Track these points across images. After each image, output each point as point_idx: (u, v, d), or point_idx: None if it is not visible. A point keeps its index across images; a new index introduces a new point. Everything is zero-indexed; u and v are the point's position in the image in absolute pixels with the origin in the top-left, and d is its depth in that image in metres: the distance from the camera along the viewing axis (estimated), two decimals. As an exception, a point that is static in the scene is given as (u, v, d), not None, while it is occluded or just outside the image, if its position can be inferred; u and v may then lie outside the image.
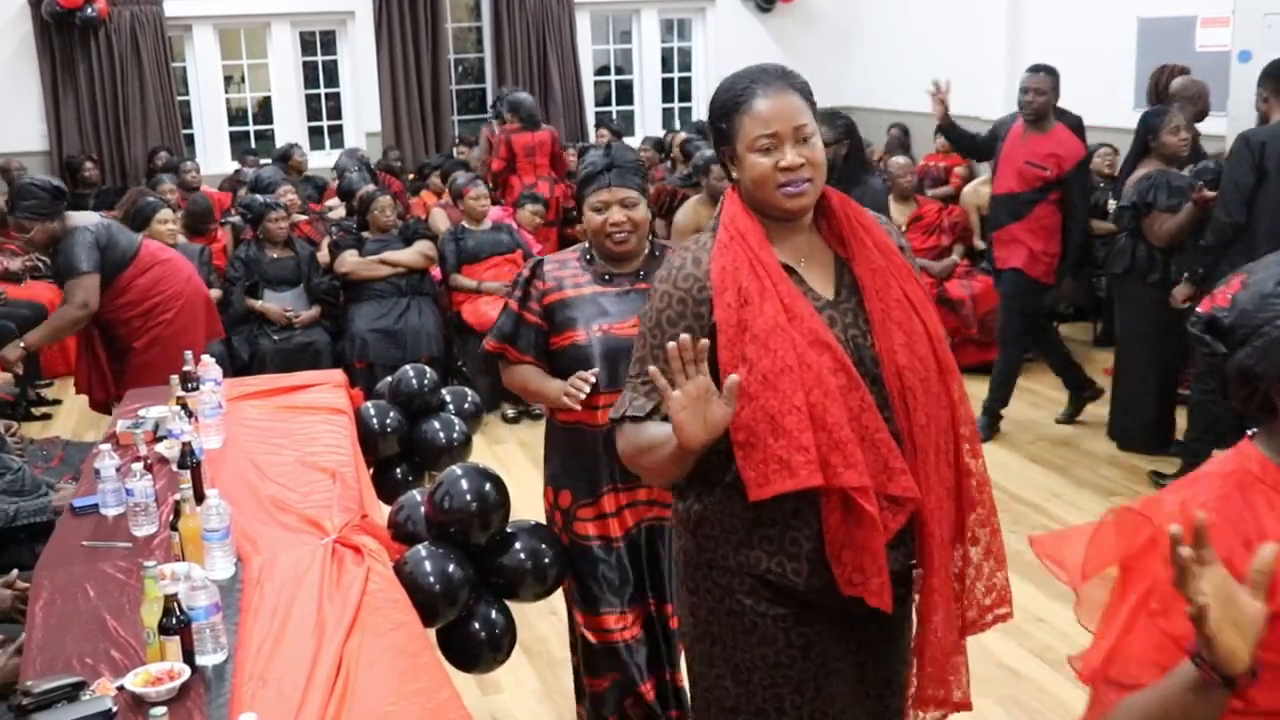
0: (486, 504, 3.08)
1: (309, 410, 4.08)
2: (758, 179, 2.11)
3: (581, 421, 3.00)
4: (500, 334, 3.11)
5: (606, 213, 2.99)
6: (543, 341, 3.06)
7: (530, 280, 3.10)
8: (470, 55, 11.61)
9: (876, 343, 2.12)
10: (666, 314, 2.14)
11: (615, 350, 2.92)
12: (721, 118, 2.17)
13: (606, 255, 3.05)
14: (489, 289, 6.86)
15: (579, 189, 3.07)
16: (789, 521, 2.10)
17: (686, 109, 12.13)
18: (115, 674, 2.31)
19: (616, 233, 2.98)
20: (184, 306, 5.29)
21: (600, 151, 3.09)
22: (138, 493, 3.06)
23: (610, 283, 3.04)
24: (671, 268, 2.17)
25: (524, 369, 3.10)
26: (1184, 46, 7.59)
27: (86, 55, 9.84)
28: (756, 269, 2.08)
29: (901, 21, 10.77)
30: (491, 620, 3.12)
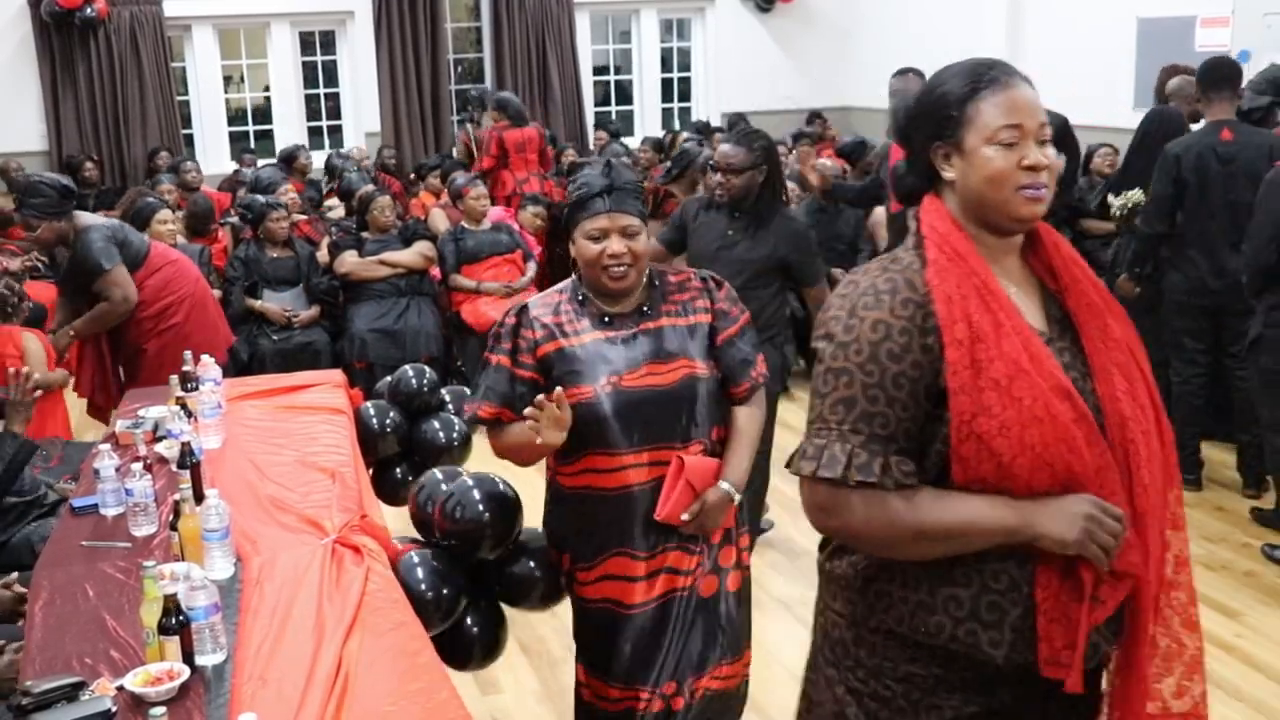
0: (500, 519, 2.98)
1: (308, 410, 4.08)
2: (994, 177, 1.81)
3: (592, 486, 2.71)
4: (493, 395, 2.72)
5: (604, 242, 2.63)
6: None
7: (518, 330, 2.71)
8: (470, 55, 11.62)
9: (1098, 388, 1.83)
10: (886, 346, 1.77)
11: (629, 404, 2.63)
12: (951, 104, 1.84)
13: (601, 291, 2.70)
14: (488, 289, 6.86)
15: (570, 213, 2.70)
16: (989, 584, 1.80)
17: (686, 109, 12.14)
18: (115, 674, 2.31)
19: (614, 266, 2.63)
20: (194, 308, 5.30)
21: (597, 170, 2.70)
22: (137, 493, 3.06)
23: (611, 325, 2.70)
24: (877, 291, 1.81)
25: (514, 428, 2.70)
26: (1184, 46, 7.59)
27: (86, 55, 9.84)
28: (986, 299, 1.79)
29: (901, 21, 10.78)
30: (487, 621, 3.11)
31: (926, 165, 1.90)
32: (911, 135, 1.94)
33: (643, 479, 2.67)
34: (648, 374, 2.65)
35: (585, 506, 2.74)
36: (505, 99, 9.09)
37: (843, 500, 1.79)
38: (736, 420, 2.78)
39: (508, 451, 2.79)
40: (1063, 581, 1.77)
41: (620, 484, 2.67)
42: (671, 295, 2.75)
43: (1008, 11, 9.36)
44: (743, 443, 2.76)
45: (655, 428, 2.65)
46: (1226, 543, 4.76)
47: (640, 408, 2.63)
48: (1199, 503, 5.04)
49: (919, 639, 1.85)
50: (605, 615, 2.76)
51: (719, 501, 2.68)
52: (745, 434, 2.77)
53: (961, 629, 1.81)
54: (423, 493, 3.14)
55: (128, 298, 5.04)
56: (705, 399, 2.69)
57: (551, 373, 2.67)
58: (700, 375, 2.69)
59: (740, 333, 2.78)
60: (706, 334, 2.74)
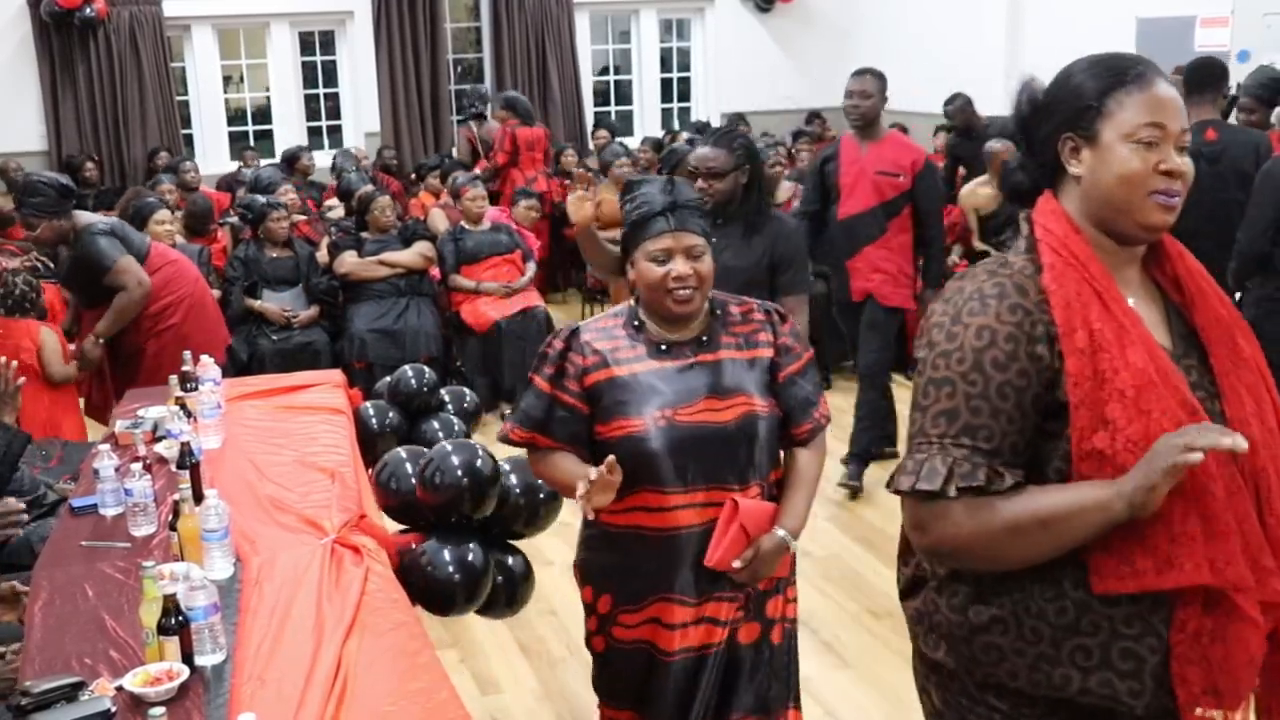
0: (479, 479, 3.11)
1: (308, 410, 4.08)
2: (1128, 176, 1.68)
3: (641, 526, 2.52)
4: (527, 420, 2.57)
5: (669, 264, 2.45)
6: (583, 429, 2.54)
7: (565, 355, 2.53)
8: (469, 55, 11.61)
9: (1226, 410, 1.71)
10: (991, 354, 1.67)
11: (683, 440, 2.45)
12: (1090, 94, 1.72)
13: (663, 317, 2.52)
14: (487, 289, 6.87)
15: (630, 233, 2.52)
16: (1120, 629, 1.66)
17: (685, 109, 12.14)
18: (114, 674, 2.31)
19: (680, 289, 2.45)
20: (192, 308, 5.28)
21: (656, 187, 2.52)
22: (137, 493, 3.06)
23: (668, 354, 2.51)
24: (983, 296, 1.70)
25: (556, 459, 2.57)
26: (1183, 46, 7.59)
27: (85, 55, 9.84)
28: (1109, 306, 1.67)
29: (900, 21, 10.78)
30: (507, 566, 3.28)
31: (1049, 159, 1.78)
32: (1035, 125, 1.80)
33: (693, 521, 2.49)
34: (704, 409, 2.47)
35: (631, 546, 2.54)
36: (514, 98, 9.23)
37: (941, 513, 1.68)
38: (796, 463, 2.61)
39: (547, 481, 2.71)
40: (1205, 618, 1.64)
41: (670, 525, 2.49)
42: (733, 326, 2.57)
43: (1007, 11, 9.36)
44: (802, 488, 2.59)
45: (710, 467, 2.47)
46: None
47: (694, 445, 2.45)
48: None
49: (1040, 693, 1.71)
50: (640, 657, 2.61)
51: (774, 549, 2.50)
52: (805, 478, 2.60)
53: (1093, 680, 1.68)
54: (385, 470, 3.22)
55: (142, 282, 5.05)
56: (765, 439, 2.52)
57: (600, 402, 2.50)
58: (760, 413, 2.51)
59: (803, 370, 2.60)
60: (767, 369, 2.56)
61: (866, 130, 5.27)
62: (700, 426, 2.45)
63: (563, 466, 2.55)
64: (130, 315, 5.11)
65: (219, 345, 5.26)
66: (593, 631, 2.72)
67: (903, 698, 3.72)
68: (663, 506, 2.48)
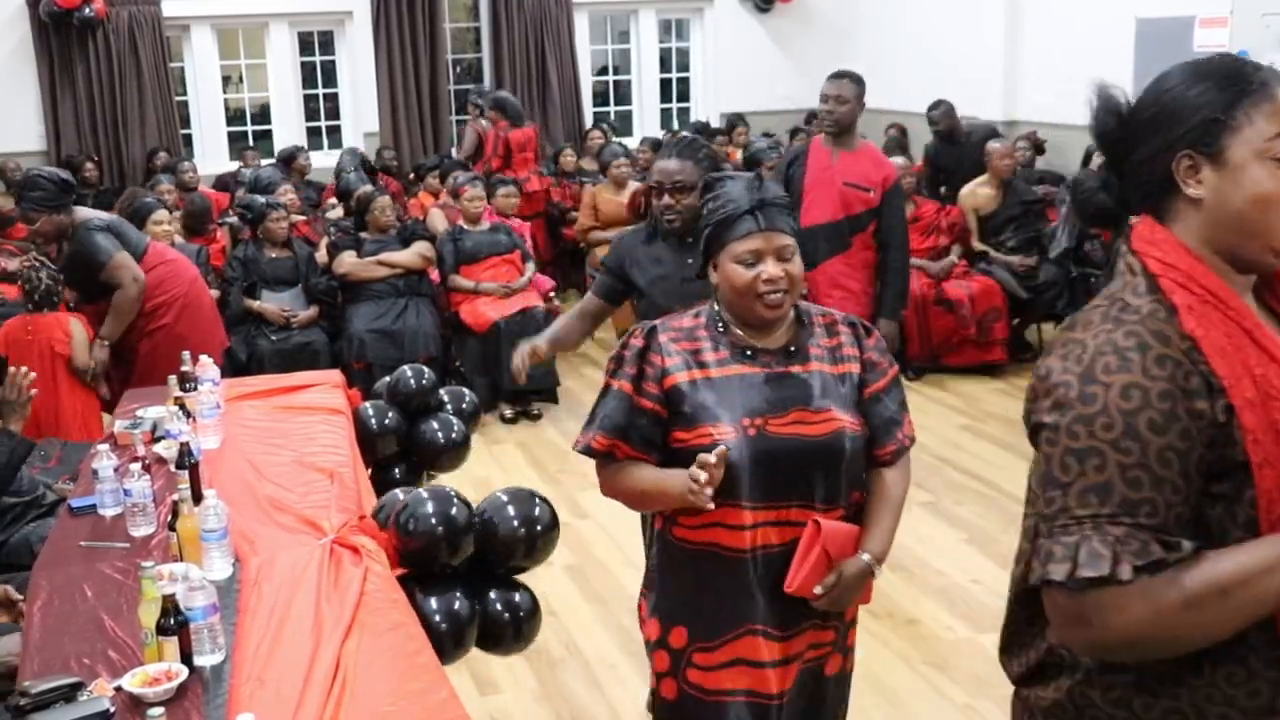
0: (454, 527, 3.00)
1: (307, 410, 4.08)
2: (1266, 198, 1.51)
3: (719, 544, 2.34)
4: (609, 425, 2.37)
5: (759, 266, 2.31)
6: (659, 435, 2.37)
7: (644, 354, 2.37)
8: (468, 55, 11.61)
9: None
10: (1146, 416, 1.45)
11: (771, 453, 2.28)
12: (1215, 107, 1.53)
13: (751, 321, 2.36)
14: (486, 289, 6.87)
15: (714, 235, 2.36)
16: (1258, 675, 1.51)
17: (685, 109, 12.13)
18: (113, 674, 2.31)
19: (771, 292, 2.30)
20: (185, 309, 5.28)
21: (741, 184, 2.38)
22: (136, 493, 3.06)
23: (754, 360, 2.35)
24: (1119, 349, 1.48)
25: (635, 468, 2.39)
26: (1182, 47, 7.59)
27: (84, 55, 9.83)
28: (1265, 346, 1.50)
29: (900, 22, 10.78)
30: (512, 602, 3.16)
31: (1152, 179, 1.58)
32: (1131, 142, 1.61)
33: (771, 541, 2.32)
34: (795, 421, 2.31)
35: (706, 568, 2.36)
36: (504, 99, 9.23)
37: (1112, 600, 1.43)
38: (881, 485, 2.43)
39: (623, 495, 2.45)
40: None
41: (749, 545, 2.31)
42: (820, 338, 2.42)
43: (1007, 11, 9.35)
44: (888, 511, 2.42)
45: (795, 484, 2.31)
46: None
47: (782, 459, 2.28)
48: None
49: None
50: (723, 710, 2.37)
51: (858, 575, 2.33)
52: (891, 501, 2.43)
53: None
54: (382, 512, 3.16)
55: (137, 278, 5.06)
56: (852, 458, 2.36)
57: (680, 407, 2.33)
58: (850, 431, 2.35)
59: (888, 388, 2.44)
60: (855, 385, 2.41)
61: (840, 138, 4.92)
62: (791, 439, 2.29)
63: (642, 474, 2.37)
64: (130, 313, 5.12)
65: (215, 347, 5.23)
66: (662, 673, 2.45)
67: (903, 698, 3.72)
68: (742, 524, 2.30)
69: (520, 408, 6.72)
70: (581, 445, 2.43)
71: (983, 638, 4.06)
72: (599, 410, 2.41)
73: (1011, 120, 9.29)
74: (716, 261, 2.37)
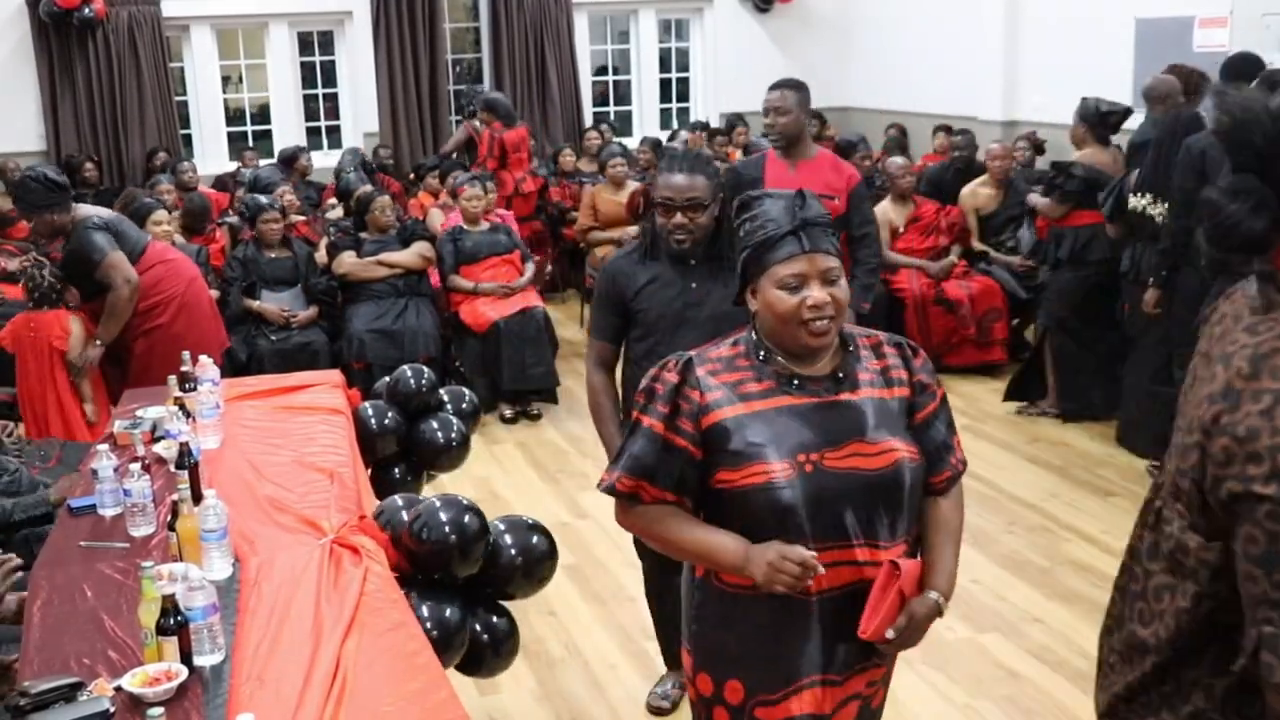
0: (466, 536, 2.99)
1: (307, 410, 4.08)
2: None
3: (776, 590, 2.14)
4: (636, 466, 2.20)
5: (804, 290, 2.13)
6: (692, 474, 2.18)
7: (680, 390, 2.18)
8: (468, 55, 11.61)
9: None
10: None
11: (829, 490, 2.11)
12: None
13: (795, 350, 2.18)
14: (486, 290, 6.87)
15: (753, 257, 2.18)
16: None
17: (684, 109, 12.13)
18: (113, 674, 2.31)
19: (817, 319, 2.12)
20: (181, 309, 5.27)
21: (782, 203, 2.19)
22: (135, 493, 3.06)
23: (802, 390, 2.17)
24: None
25: (673, 521, 2.21)
26: (1182, 47, 7.59)
27: (84, 55, 9.83)
28: None
29: (899, 22, 10.78)
30: (493, 626, 3.13)
31: None
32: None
33: (831, 583, 2.15)
34: (853, 454, 2.14)
35: (762, 616, 2.18)
36: (496, 100, 9.24)
37: None
38: (938, 515, 2.29)
39: (654, 541, 2.29)
40: None
41: (808, 590, 2.14)
42: (868, 361, 2.25)
43: (1006, 11, 9.36)
44: (949, 542, 2.28)
45: (858, 522, 2.14)
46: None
47: (844, 494, 2.12)
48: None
49: None
50: None
51: (927, 615, 2.18)
52: (951, 532, 2.29)
53: None
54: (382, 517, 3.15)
55: (129, 279, 5.06)
56: (913, 490, 2.20)
57: (725, 445, 2.14)
58: (910, 461, 2.19)
59: (938, 411, 2.29)
60: (907, 410, 2.25)
61: (792, 149, 4.67)
62: (850, 474, 2.12)
63: (695, 534, 2.19)
64: (124, 313, 5.14)
65: (214, 347, 5.20)
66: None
67: (903, 698, 3.71)
68: None
69: (520, 408, 6.72)
70: (605, 485, 2.26)
71: (983, 638, 4.07)
72: (626, 448, 2.23)
73: (1011, 120, 9.29)
74: (755, 286, 2.19)
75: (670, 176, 3.16)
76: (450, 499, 3.07)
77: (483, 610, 3.12)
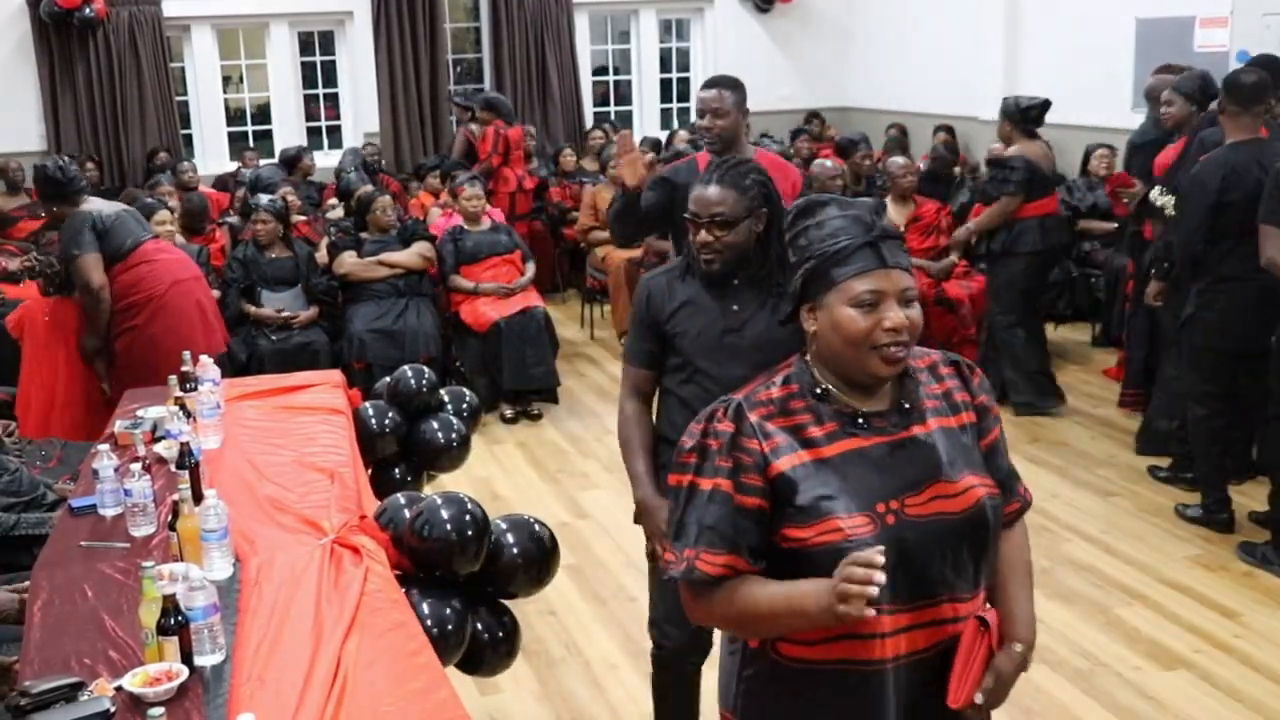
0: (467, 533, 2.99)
1: (307, 410, 4.08)
2: None
3: (847, 659, 1.87)
4: (717, 539, 1.87)
5: (879, 311, 1.86)
6: (765, 538, 1.89)
7: (737, 440, 1.89)
8: (468, 55, 11.61)
9: None
10: None
11: (912, 545, 1.85)
12: None
13: (859, 380, 1.91)
14: (486, 290, 6.87)
15: (817, 270, 1.90)
16: None
17: (685, 109, 12.13)
18: (113, 674, 2.31)
19: (893, 344, 1.85)
20: (158, 312, 5.21)
21: (854, 211, 1.92)
22: (136, 493, 3.06)
23: (868, 429, 1.91)
24: None
25: (751, 586, 1.87)
26: (1182, 47, 7.59)
27: (85, 55, 9.84)
28: None
29: (900, 22, 10.79)
30: (494, 624, 3.13)
31: None
32: None
33: (916, 648, 1.89)
34: (935, 497, 1.89)
35: (828, 689, 1.90)
36: (495, 99, 9.32)
37: None
38: (1011, 554, 2.04)
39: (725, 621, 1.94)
40: None
41: (884, 656, 1.86)
42: (927, 386, 1.99)
43: (1007, 12, 9.36)
44: (1025, 584, 2.04)
45: (943, 574, 1.88)
46: (1227, 543, 4.76)
47: (926, 546, 1.86)
48: (1195, 499, 5.04)
49: None
50: None
51: (1016, 670, 1.95)
52: (1025, 573, 2.05)
53: None
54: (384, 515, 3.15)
55: (89, 284, 5.08)
56: (995, 529, 1.96)
57: (792, 499, 1.86)
58: (990, 497, 1.94)
59: (1001, 435, 2.06)
60: (975, 437, 2.00)
61: (727, 153, 3.92)
62: (935, 520, 1.87)
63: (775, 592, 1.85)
64: (93, 315, 5.18)
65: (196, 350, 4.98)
66: None
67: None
68: (879, 631, 1.84)
69: (520, 408, 6.72)
70: (681, 570, 1.90)
71: (983, 638, 4.06)
72: (689, 519, 1.89)
73: (1011, 120, 9.28)
74: (816, 304, 1.91)
75: (699, 189, 2.84)
76: (452, 496, 3.07)
77: (484, 609, 3.12)
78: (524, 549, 3.17)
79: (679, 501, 1.92)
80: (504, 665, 3.20)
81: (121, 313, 5.18)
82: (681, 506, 1.92)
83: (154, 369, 4.81)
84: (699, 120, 4.12)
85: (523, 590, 3.22)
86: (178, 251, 5.70)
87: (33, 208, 8.60)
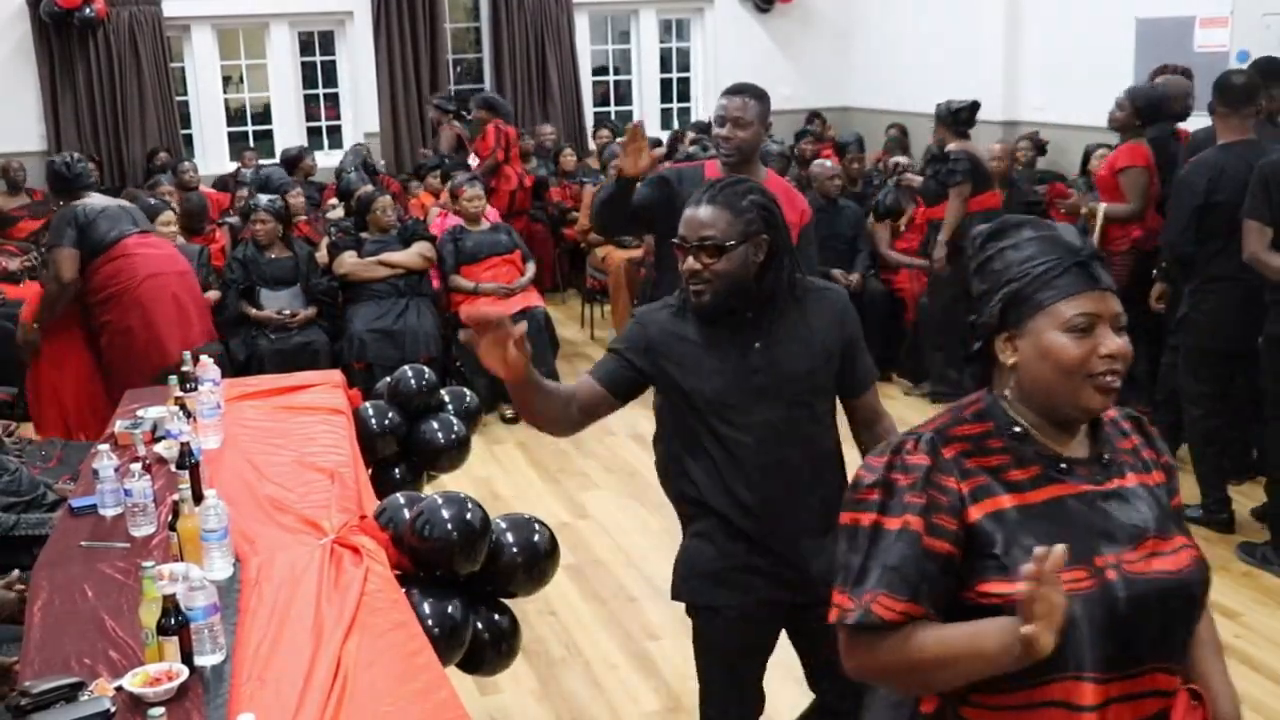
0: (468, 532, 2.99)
1: (307, 410, 4.09)
2: None
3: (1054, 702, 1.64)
4: (899, 583, 1.66)
5: (1094, 336, 1.69)
6: (950, 588, 1.69)
7: (931, 476, 1.70)
8: (469, 55, 11.61)
9: None
10: None
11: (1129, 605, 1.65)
12: None
13: (1064, 416, 1.74)
14: (486, 290, 6.87)
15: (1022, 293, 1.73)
16: None
17: (685, 109, 12.14)
18: (114, 674, 2.31)
19: (1108, 372, 1.69)
20: (132, 306, 5.18)
21: (1056, 231, 1.78)
22: (136, 493, 3.06)
23: (1071, 475, 1.73)
24: None
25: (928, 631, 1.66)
26: (1182, 47, 7.59)
27: (85, 55, 9.83)
28: None
29: (900, 22, 10.78)
30: (494, 623, 3.14)
31: None
32: None
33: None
34: (1151, 554, 1.70)
35: None
36: (494, 99, 9.40)
37: None
38: (1203, 624, 1.85)
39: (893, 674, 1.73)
40: None
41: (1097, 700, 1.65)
42: (1117, 440, 1.82)
43: (1007, 12, 9.35)
44: (1221, 657, 1.88)
45: (1156, 641, 1.69)
46: (1227, 543, 4.76)
47: (1143, 607, 1.65)
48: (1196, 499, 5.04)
49: None
50: None
51: None
52: (1219, 645, 1.89)
53: None
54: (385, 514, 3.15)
55: (59, 276, 5.10)
56: (1206, 592, 1.78)
57: (989, 549, 1.66)
58: (1201, 559, 1.75)
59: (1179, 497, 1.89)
60: (1169, 496, 1.82)
61: (741, 168, 3.67)
62: (1154, 580, 1.67)
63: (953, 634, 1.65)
64: (50, 305, 5.21)
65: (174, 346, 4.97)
66: None
67: (902, 698, 3.71)
68: (1082, 703, 1.63)
69: (520, 408, 6.70)
70: (855, 616, 1.68)
71: (983, 638, 4.06)
72: (872, 561, 1.68)
73: (1011, 120, 9.28)
74: (1018, 332, 1.73)
75: (690, 209, 2.51)
76: (452, 496, 3.08)
77: (484, 608, 3.13)
78: (524, 549, 3.18)
79: (857, 543, 1.71)
80: (504, 665, 3.20)
81: (99, 305, 5.20)
82: (864, 549, 1.70)
83: (134, 363, 4.88)
84: (718, 129, 3.75)
85: (523, 590, 3.22)
86: (165, 246, 5.61)
87: (33, 208, 8.60)
